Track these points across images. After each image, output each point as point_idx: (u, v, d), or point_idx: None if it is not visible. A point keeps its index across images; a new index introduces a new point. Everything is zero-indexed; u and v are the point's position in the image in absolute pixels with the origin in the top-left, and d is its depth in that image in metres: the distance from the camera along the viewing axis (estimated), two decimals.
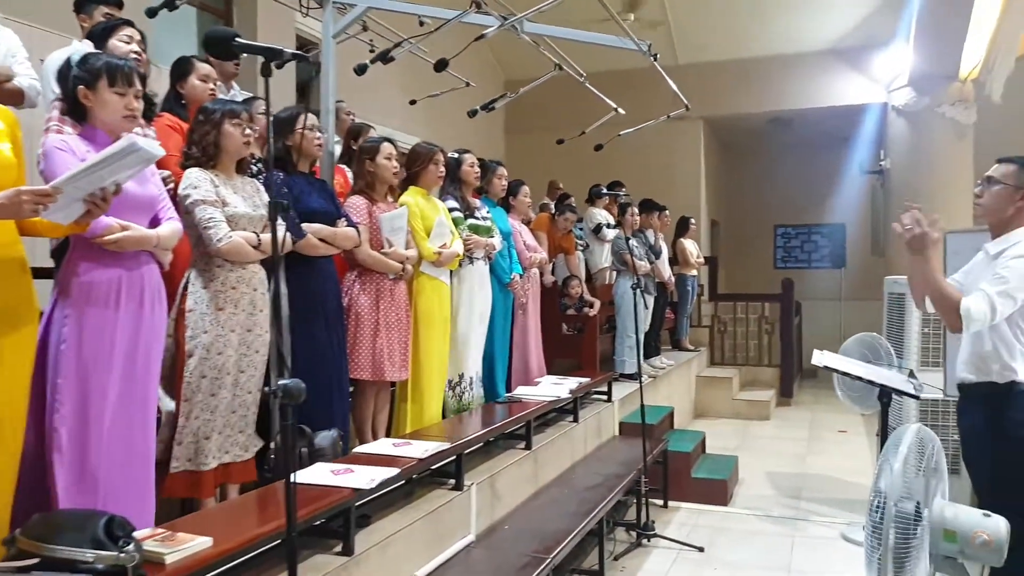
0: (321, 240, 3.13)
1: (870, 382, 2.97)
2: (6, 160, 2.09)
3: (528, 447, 4.00)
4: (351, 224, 3.30)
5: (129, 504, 2.28)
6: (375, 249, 3.48)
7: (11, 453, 2.11)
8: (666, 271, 7.58)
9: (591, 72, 5.76)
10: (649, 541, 4.33)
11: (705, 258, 9.27)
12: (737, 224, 12.94)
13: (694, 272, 8.52)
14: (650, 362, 7.08)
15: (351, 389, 3.58)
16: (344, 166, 4.20)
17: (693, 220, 8.75)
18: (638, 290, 4.77)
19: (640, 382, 4.67)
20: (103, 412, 2.24)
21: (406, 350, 3.62)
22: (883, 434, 3.03)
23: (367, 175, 3.57)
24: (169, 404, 2.64)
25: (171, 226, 2.50)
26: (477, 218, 4.30)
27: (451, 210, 4.15)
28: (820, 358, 3.13)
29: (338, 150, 4.37)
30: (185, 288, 2.71)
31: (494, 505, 3.50)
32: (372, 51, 4.52)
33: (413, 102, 6.14)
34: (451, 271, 4.04)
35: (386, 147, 3.60)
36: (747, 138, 12.08)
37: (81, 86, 2.31)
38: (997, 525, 2.04)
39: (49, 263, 2.75)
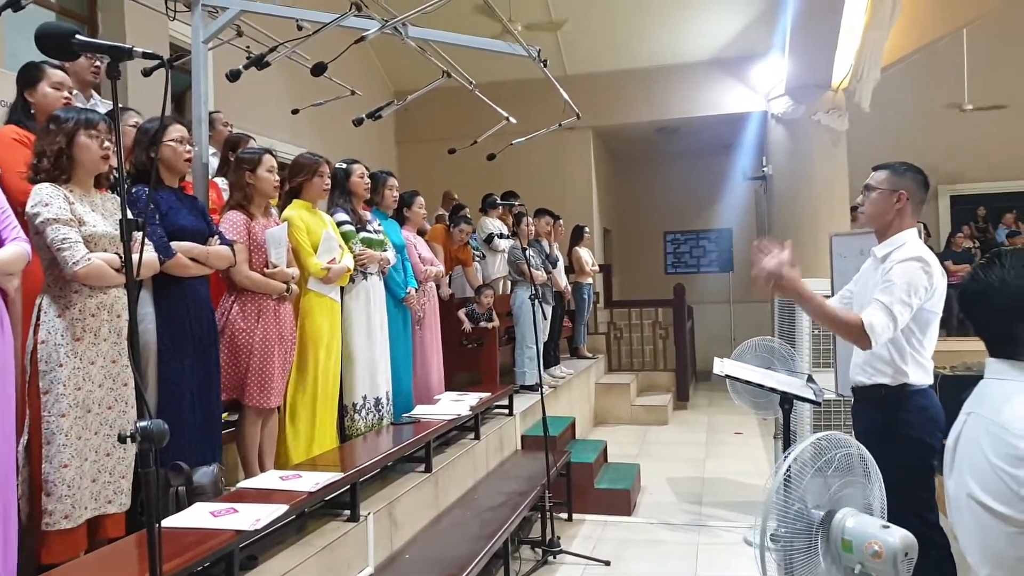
0: (192, 260, 2.88)
1: (772, 390, 2.97)
2: None
3: (428, 469, 3.83)
4: (225, 242, 3.06)
5: None
6: (256, 268, 3.25)
7: None
8: (563, 280, 7.57)
9: (481, 82, 5.68)
10: (555, 558, 4.24)
11: (599, 266, 9.35)
12: (628, 232, 13.16)
13: (590, 280, 8.56)
14: (550, 372, 7.04)
15: (235, 418, 3.34)
16: (218, 180, 3.93)
17: (587, 228, 8.81)
18: (536, 300, 4.69)
19: (541, 393, 4.58)
20: None
21: (289, 374, 3.39)
22: (786, 439, 3.04)
23: (246, 188, 3.33)
24: None
25: (15, 248, 2.23)
26: (369, 231, 4.12)
27: (341, 223, 3.96)
28: (721, 367, 3.11)
29: (214, 163, 4.10)
30: (38, 317, 2.43)
31: (393, 534, 3.32)
32: (249, 58, 4.26)
33: (295, 111, 5.90)
34: (341, 287, 3.85)
35: (268, 159, 3.38)
36: (636, 147, 12.30)
37: None
38: (892, 536, 1.89)
39: None
